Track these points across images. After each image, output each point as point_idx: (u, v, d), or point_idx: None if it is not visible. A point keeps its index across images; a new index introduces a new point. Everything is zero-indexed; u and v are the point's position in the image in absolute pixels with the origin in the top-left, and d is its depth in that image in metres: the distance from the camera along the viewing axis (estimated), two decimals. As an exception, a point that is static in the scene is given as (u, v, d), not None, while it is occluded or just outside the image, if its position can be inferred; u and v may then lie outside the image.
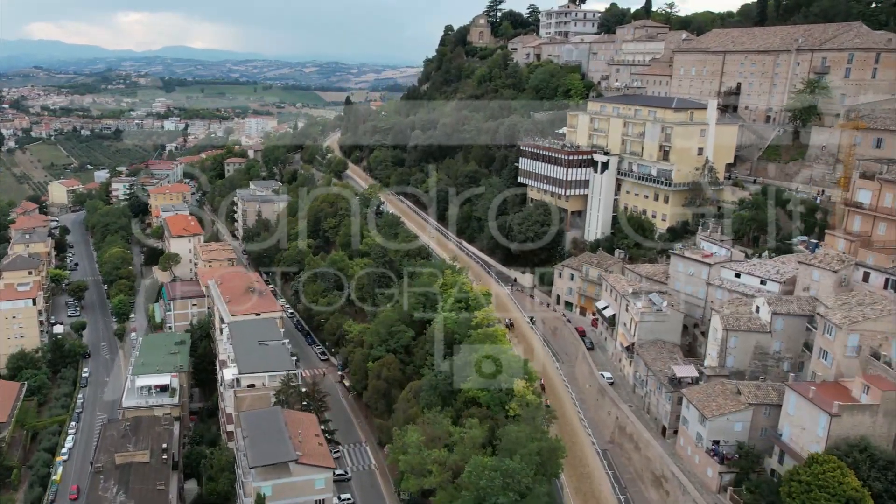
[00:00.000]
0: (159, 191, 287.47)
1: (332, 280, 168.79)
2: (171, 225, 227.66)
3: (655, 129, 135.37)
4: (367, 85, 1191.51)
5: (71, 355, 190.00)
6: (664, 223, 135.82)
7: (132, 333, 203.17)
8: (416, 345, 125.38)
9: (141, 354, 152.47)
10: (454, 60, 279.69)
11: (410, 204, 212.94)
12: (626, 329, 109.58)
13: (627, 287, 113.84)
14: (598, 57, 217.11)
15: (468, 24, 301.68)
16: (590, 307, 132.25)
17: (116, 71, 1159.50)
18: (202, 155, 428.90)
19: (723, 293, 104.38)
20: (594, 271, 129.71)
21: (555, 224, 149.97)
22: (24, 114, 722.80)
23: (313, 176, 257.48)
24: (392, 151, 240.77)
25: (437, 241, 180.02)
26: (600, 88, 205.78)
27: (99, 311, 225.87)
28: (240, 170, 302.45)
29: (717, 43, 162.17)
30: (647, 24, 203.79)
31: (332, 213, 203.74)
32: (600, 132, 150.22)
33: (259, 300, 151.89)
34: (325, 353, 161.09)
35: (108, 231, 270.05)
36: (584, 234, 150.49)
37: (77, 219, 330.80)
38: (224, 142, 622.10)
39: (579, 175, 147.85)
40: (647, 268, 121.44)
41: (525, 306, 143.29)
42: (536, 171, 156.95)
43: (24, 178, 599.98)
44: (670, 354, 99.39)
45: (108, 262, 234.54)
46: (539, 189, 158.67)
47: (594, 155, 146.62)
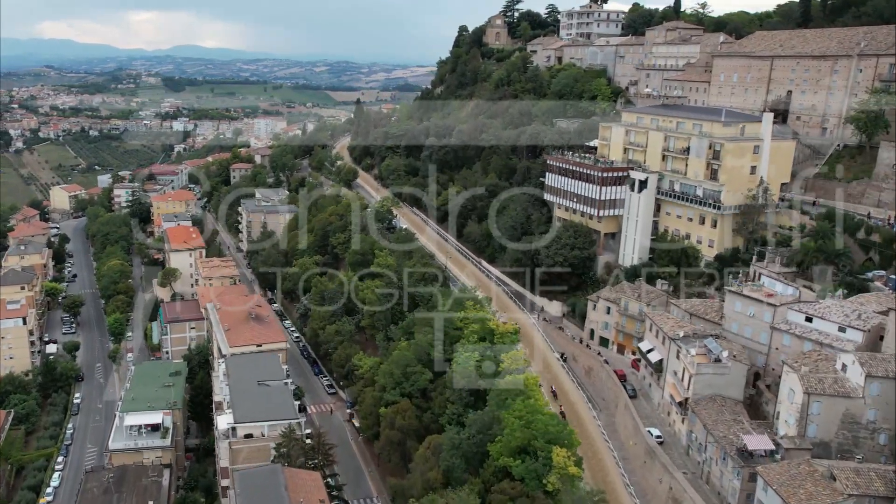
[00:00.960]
0: (162, 198, 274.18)
1: (340, 303, 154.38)
2: (172, 237, 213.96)
3: (702, 144, 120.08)
4: (377, 84, 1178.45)
5: (63, 379, 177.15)
6: (711, 250, 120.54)
7: (128, 354, 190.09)
8: (435, 388, 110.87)
9: (132, 387, 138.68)
10: (469, 62, 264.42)
11: (424, 217, 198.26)
12: (677, 379, 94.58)
13: (677, 329, 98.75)
14: (625, 60, 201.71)
15: (484, 25, 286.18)
16: (629, 345, 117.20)
17: (127, 70, 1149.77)
18: (209, 158, 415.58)
19: (792, 340, 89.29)
20: (634, 305, 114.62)
21: (586, 248, 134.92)
22: (32, 114, 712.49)
23: (322, 184, 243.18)
24: (405, 160, 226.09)
25: (455, 260, 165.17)
26: (628, 94, 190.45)
27: (95, 327, 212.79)
28: (246, 176, 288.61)
29: (763, 47, 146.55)
30: (680, 25, 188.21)
31: (342, 226, 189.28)
32: (637, 146, 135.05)
33: (260, 329, 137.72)
34: (332, 385, 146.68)
35: (108, 241, 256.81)
36: (619, 258, 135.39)
37: (79, 225, 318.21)
38: (232, 143, 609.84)
39: (614, 194, 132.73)
40: (696, 304, 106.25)
41: (554, 340, 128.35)
42: (565, 189, 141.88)
43: (31, 178, 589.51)
44: (734, 416, 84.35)
45: (107, 275, 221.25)
46: (567, 208, 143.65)
47: (631, 172, 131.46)
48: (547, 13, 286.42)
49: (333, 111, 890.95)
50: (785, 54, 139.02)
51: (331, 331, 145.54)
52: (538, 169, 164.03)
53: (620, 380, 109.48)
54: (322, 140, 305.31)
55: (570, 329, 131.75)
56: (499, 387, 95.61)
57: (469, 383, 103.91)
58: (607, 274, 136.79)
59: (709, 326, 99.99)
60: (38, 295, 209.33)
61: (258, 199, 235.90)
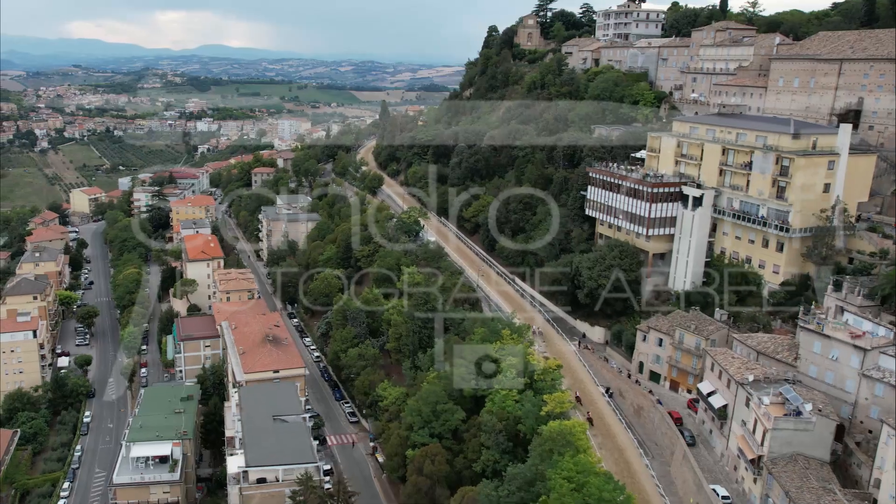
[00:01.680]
0: (181, 203, 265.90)
1: (363, 323, 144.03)
2: (190, 246, 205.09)
3: (767, 159, 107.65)
4: (403, 84, 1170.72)
5: (73, 395, 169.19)
6: (776, 276, 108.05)
7: (142, 369, 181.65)
8: (468, 429, 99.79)
9: (140, 412, 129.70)
10: (500, 64, 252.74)
11: (454, 228, 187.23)
12: (747, 431, 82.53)
13: (744, 371, 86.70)
14: (668, 63, 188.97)
15: (515, 25, 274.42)
16: (683, 382, 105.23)
17: (153, 70, 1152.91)
18: (232, 160, 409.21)
19: (886, 390, 77.01)
20: (691, 338, 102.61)
21: (633, 269, 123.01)
22: (58, 114, 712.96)
23: (345, 191, 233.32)
24: (433, 166, 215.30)
25: (488, 278, 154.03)
26: (672, 100, 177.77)
27: (110, 338, 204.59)
28: (267, 181, 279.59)
29: (830, 48, 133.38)
30: (731, 25, 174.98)
31: (366, 238, 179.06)
32: (691, 159, 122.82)
33: (278, 353, 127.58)
34: (354, 413, 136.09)
35: (125, 247, 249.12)
36: (669, 281, 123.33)
37: (98, 229, 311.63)
38: (256, 143, 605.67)
39: (665, 211, 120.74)
40: (764, 341, 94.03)
41: (597, 371, 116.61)
42: (609, 204, 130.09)
43: (56, 179, 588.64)
44: (822, 482, 72.25)
45: (122, 284, 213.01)
46: (612, 225, 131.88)
47: (684, 187, 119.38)
48: (581, 13, 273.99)
49: (358, 111, 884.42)
50: (856, 57, 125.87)
51: (353, 354, 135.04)
52: (577, 180, 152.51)
53: (676, 423, 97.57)
54: (346, 143, 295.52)
55: (614, 359, 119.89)
56: (543, 436, 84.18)
57: (507, 426, 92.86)
58: (655, 298, 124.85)
59: (780, 367, 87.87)
60: (51, 305, 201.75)
61: (279, 206, 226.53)
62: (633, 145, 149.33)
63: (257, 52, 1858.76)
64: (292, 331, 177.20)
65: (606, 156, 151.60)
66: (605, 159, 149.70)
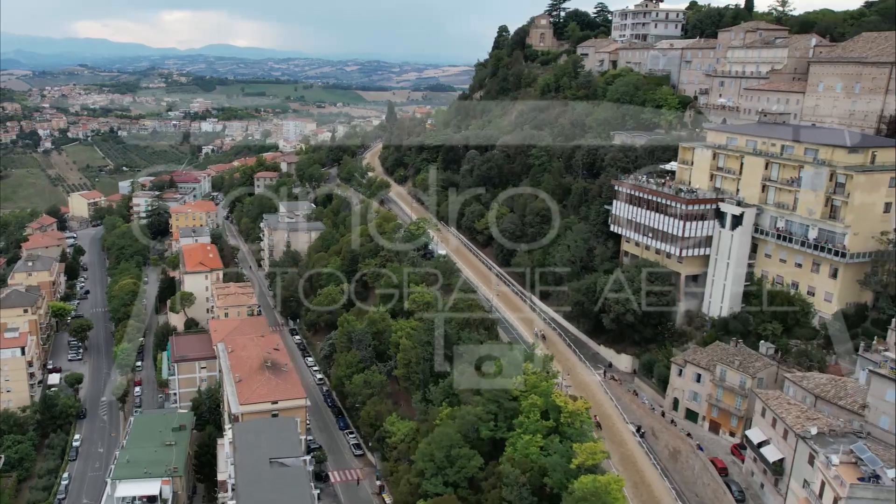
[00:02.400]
0: (181, 209, 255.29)
1: (369, 346, 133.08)
2: (188, 256, 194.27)
3: (819, 175, 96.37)
4: (409, 84, 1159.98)
5: (63, 416, 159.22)
6: (828, 305, 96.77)
7: (136, 388, 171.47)
8: (486, 477, 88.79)
9: (128, 445, 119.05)
10: (512, 66, 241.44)
11: (466, 240, 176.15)
12: (812, 494, 71.29)
13: (804, 420, 75.55)
14: (691, 66, 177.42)
15: (527, 25, 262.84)
16: (726, 424, 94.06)
17: (159, 69, 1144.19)
18: (235, 162, 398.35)
19: (975, 452, 65.85)
20: (734, 375, 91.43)
21: (664, 293, 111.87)
22: (62, 114, 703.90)
23: (351, 198, 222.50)
24: (442, 173, 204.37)
25: (503, 297, 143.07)
26: (698, 105, 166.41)
27: (104, 353, 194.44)
28: (270, 186, 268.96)
29: (877, 51, 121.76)
30: (761, 26, 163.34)
31: (373, 250, 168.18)
32: (728, 173, 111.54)
33: (277, 382, 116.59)
34: (360, 445, 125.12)
35: (122, 255, 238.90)
36: (703, 306, 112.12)
37: (97, 234, 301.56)
38: (261, 144, 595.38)
39: (699, 230, 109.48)
40: (822, 383, 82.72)
41: (626, 406, 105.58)
42: (637, 220, 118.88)
43: (59, 179, 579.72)
44: (909, 565, 61.18)
45: (117, 296, 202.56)
46: (639, 243, 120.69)
47: (721, 204, 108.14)
48: (596, 13, 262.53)
49: (364, 111, 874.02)
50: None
51: (358, 381, 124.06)
52: (598, 191, 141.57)
53: (721, 473, 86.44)
54: (351, 147, 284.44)
55: (645, 392, 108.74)
56: (575, 495, 73.13)
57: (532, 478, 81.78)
58: (688, 324, 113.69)
59: (844, 416, 76.64)
60: (42, 318, 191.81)
61: (281, 214, 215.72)
62: (661, 154, 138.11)
63: (263, 51, 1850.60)
64: (294, 350, 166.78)
65: (630, 166, 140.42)
66: (628, 170, 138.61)
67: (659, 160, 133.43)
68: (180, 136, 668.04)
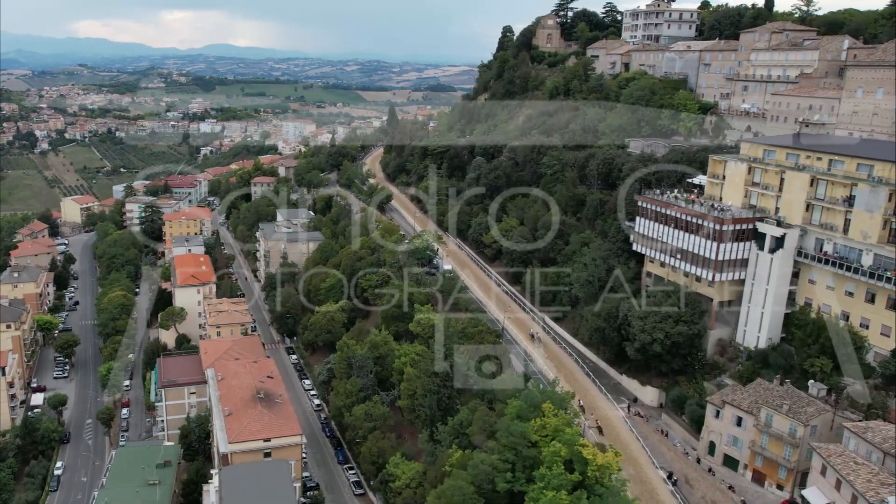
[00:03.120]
0: (175, 216, 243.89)
1: (370, 372, 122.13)
2: (179, 268, 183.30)
3: (876, 194, 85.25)
4: (409, 84, 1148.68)
5: (45, 441, 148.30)
6: (886, 340, 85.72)
7: (124, 409, 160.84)
8: (504, 537, 77.99)
9: (108, 483, 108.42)
10: (518, 67, 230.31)
11: (471, 252, 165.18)
12: (890, 575, 60.58)
13: (879, 487, 64.62)
14: (710, 69, 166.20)
15: (533, 26, 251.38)
16: (772, 475, 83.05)
17: (158, 69, 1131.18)
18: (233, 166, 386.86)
19: None
20: (782, 421, 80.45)
21: (694, 321, 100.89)
22: (59, 114, 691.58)
23: (350, 206, 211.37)
24: (447, 180, 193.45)
25: (515, 318, 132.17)
26: (719, 111, 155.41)
27: (91, 369, 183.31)
28: (268, 191, 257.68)
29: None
30: (787, 26, 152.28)
31: (374, 262, 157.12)
32: (766, 190, 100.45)
33: (270, 417, 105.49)
34: (360, 483, 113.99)
35: (113, 264, 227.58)
36: (738, 335, 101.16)
37: (89, 240, 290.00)
38: (260, 146, 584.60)
39: (735, 252, 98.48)
40: (889, 433, 71.80)
41: (654, 448, 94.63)
42: (663, 240, 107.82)
43: (55, 181, 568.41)
44: None
45: (106, 309, 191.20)
46: (664, 263, 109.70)
47: (759, 224, 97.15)
48: (605, 13, 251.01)
49: (364, 111, 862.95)
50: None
51: (359, 414, 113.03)
52: (615, 204, 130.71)
53: (770, 536, 75.62)
54: (351, 151, 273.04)
55: (675, 432, 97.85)
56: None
57: None
58: (720, 354, 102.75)
59: (918, 477, 65.75)
60: (27, 333, 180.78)
61: (278, 223, 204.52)
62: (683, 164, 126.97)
63: (264, 51, 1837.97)
64: (290, 372, 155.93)
65: (650, 177, 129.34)
66: (649, 182, 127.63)
67: (686, 173, 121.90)
68: (179, 136, 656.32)
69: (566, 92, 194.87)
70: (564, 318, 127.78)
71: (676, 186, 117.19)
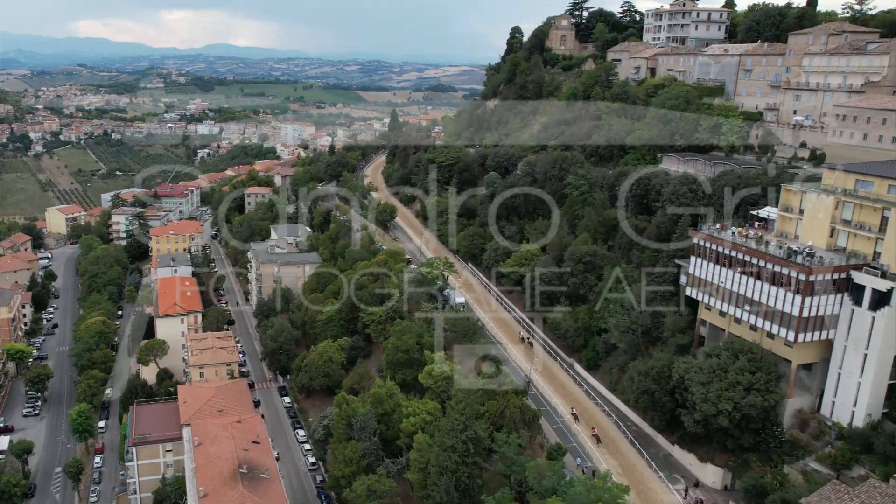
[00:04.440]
0: (162, 231, 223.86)
1: (374, 433, 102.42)
2: (162, 295, 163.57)
3: None
4: (409, 84, 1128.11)
5: (6, 497, 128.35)
6: None
7: (97, 457, 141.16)
8: None
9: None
10: (532, 71, 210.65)
11: (486, 280, 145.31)
12: None
13: None
14: (752, 75, 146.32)
15: (544, 26, 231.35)
16: None
17: (158, 69, 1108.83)
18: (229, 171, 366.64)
19: None
20: (912, 544, 60.82)
21: (770, 389, 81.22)
22: (55, 116, 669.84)
23: (350, 222, 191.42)
24: (456, 196, 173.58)
25: (544, 367, 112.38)
26: (766, 124, 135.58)
27: (65, 405, 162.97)
28: (262, 204, 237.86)
29: None
30: (846, 27, 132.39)
31: (377, 294, 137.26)
32: (862, 230, 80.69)
33: (253, 501, 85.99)
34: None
35: (95, 284, 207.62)
36: (824, 406, 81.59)
37: (74, 254, 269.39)
38: (259, 148, 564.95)
39: (822, 307, 78.88)
40: None
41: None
42: (726, 287, 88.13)
43: (49, 185, 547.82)
44: None
45: (83, 337, 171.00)
46: (724, 313, 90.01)
47: (856, 273, 77.51)
48: (622, 13, 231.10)
49: (364, 111, 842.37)
50: None
51: (360, 489, 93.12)
52: (657, 233, 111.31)
53: None
54: (351, 161, 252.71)
55: (750, 529, 78.27)
56: None
57: None
58: (800, 429, 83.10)
59: None
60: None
61: (272, 242, 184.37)
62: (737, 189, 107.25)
63: (264, 51, 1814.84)
64: (282, 418, 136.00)
65: (698, 204, 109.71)
66: (689, 204, 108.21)
67: (747, 203, 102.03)
68: (176, 138, 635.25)
69: (586, 98, 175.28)
70: (599, 368, 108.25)
71: (734, 217, 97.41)
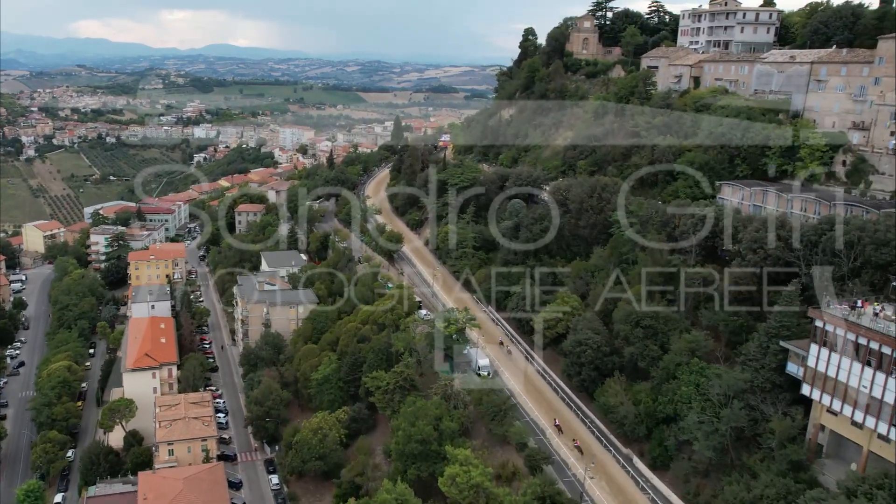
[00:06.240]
0: (143, 255, 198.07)
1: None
2: (132, 342, 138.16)
3: None
4: (410, 85, 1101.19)
5: None
6: None
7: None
8: None
9: None
10: (553, 79, 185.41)
11: (513, 332, 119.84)
12: None
13: None
14: (826, 87, 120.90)
15: (564, 28, 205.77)
16: None
17: (157, 70, 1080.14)
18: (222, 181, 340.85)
19: None
20: None
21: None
22: (48, 119, 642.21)
23: (351, 250, 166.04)
24: (473, 225, 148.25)
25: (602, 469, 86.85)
26: (855, 148, 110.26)
27: (20, 476, 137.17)
28: (254, 224, 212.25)
29: None
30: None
31: (380, 353, 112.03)
32: None
33: None
34: None
35: (65, 317, 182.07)
36: None
37: (51, 275, 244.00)
38: (256, 153, 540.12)
39: None
40: None
41: None
42: (865, 390, 62.86)
43: (41, 190, 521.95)
44: None
45: (44, 388, 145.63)
46: (863, 426, 64.75)
47: None
48: (650, 13, 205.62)
49: (365, 113, 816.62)
50: None
51: None
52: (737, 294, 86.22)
53: None
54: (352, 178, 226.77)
55: None
56: None
57: None
58: None
59: None
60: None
61: (262, 275, 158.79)
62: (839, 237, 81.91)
63: (264, 51, 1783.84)
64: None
65: (793, 258, 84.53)
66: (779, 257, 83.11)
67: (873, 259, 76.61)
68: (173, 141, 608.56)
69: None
70: (668, 469, 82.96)
71: (871, 287, 71.97)
